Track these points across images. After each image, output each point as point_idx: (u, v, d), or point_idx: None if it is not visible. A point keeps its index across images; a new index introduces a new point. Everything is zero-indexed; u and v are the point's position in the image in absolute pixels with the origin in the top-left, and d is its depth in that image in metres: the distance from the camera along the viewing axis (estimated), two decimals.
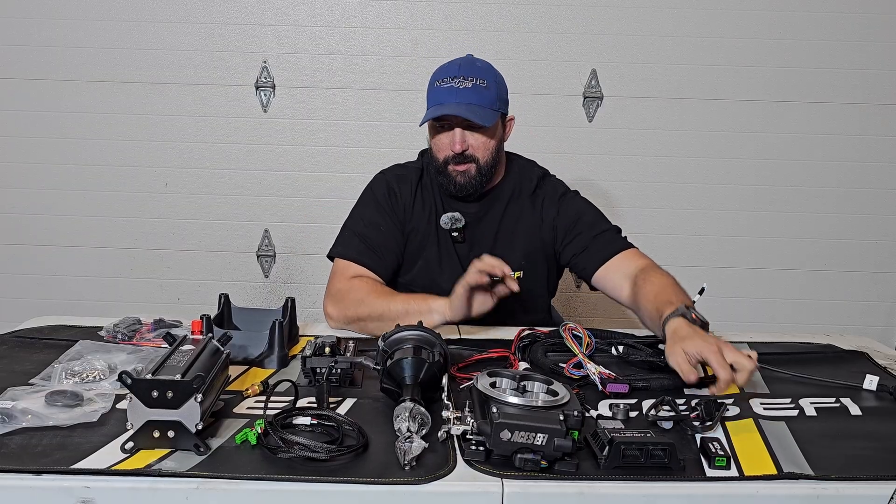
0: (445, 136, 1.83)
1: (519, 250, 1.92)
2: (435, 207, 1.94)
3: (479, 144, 1.82)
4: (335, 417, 1.24)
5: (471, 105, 1.78)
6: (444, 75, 1.83)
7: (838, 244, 3.18)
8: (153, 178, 3.09)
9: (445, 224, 1.90)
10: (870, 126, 3.09)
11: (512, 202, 1.94)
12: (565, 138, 3.07)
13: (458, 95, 1.79)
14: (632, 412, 1.33)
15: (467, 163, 1.83)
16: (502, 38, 2.98)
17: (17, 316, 1.87)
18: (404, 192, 1.94)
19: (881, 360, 1.68)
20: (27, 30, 2.98)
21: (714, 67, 3.05)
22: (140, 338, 1.63)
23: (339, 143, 3.08)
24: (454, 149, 1.81)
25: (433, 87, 1.85)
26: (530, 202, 1.95)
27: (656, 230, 3.14)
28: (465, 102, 1.78)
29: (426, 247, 1.93)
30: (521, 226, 1.94)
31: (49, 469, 1.09)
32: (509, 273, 1.62)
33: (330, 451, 1.13)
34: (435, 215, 1.93)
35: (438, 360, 1.34)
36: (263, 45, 3.02)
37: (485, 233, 1.93)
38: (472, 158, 1.83)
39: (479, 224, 1.93)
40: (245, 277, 3.17)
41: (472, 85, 1.80)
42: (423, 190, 1.95)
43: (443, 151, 1.84)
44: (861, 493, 1.14)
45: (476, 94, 1.79)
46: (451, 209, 1.91)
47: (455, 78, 1.80)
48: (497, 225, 1.93)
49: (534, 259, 1.93)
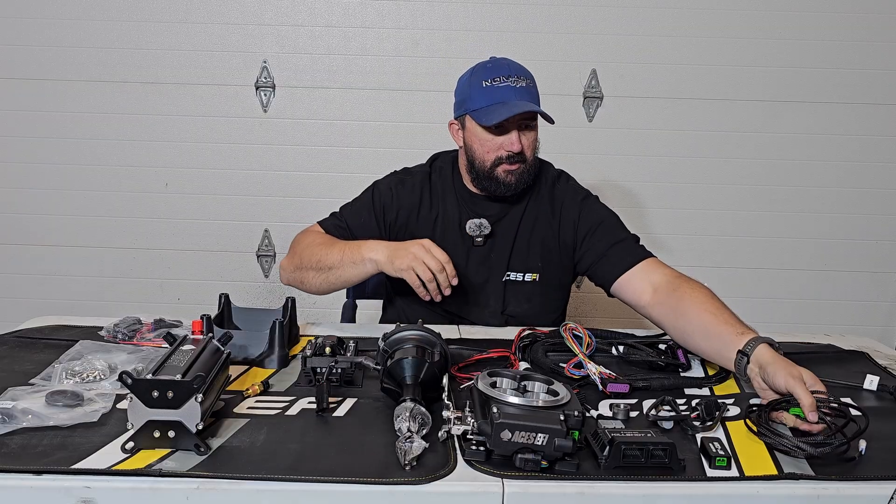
0: (503, 136, 1.79)
1: (536, 252, 1.90)
2: (446, 210, 1.91)
3: (528, 143, 1.82)
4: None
5: (537, 104, 1.80)
6: (496, 74, 1.80)
7: (838, 244, 3.18)
8: (153, 178, 3.09)
9: (472, 231, 1.87)
10: (870, 126, 3.09)
11: (531, 201, 1.92)
12: (565, 138, 3.05)
13: (520, 94, 1.78)
14: (632, 412, 1.33)
15: (519, 162, 1.81)
16: (502, 38, 2.98)
17: (17, 316, 1.87)
18: (403, 196, 1.91)
19: (881, 360, 1.68)
20: (27, 30, 2.98)
21: (714, 67, 3.05)
22: (140, 338, 1.63)
23: (339, 143, 3.08)
24: (513, 149, 1.78)
25: (483, 87, 1.79)
26: (548, 203, 1.93)
27: (657, 230, 3.14)
28: (529, 100, 1.78)
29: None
30: (538, 226, 1.91)
31: (49, 469, 1.09)
32: (451, 275, 1.66)
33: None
34: (443, 218, 1.90)
35: (439, 359, 1.34)
36: (263, 45, 3.02)
37: (504, 234, 1.90)
38: (523, 157, 1.81)
39: (499, 224, 1.90)
40: (245, 277, 3.17)
41: (526, 84, 1.80)
42: (431, 193, 1.92)
43: (494, 152, 1.80)
44: (861, 493, 1.14)
45: (530, 94, 1.80)
46: (471, 211, 1.89)
47: (510, 77, 1.79)
48: (517, 226, 1.91)
49: (549, 260, 1.91)
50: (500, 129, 1.79)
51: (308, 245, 1.82)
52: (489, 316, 1.89)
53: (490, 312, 1.90)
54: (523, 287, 1.90)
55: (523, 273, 1.90)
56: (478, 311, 1.90)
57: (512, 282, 1.90)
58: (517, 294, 1.90)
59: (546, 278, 1.91)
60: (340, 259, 1.73)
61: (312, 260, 1.78)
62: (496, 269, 1.90)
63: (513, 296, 1.90)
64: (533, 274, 1.90)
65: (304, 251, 1.82)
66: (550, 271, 1.91)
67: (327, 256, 1.75)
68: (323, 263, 1.76)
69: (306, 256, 1.80)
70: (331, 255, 1.75)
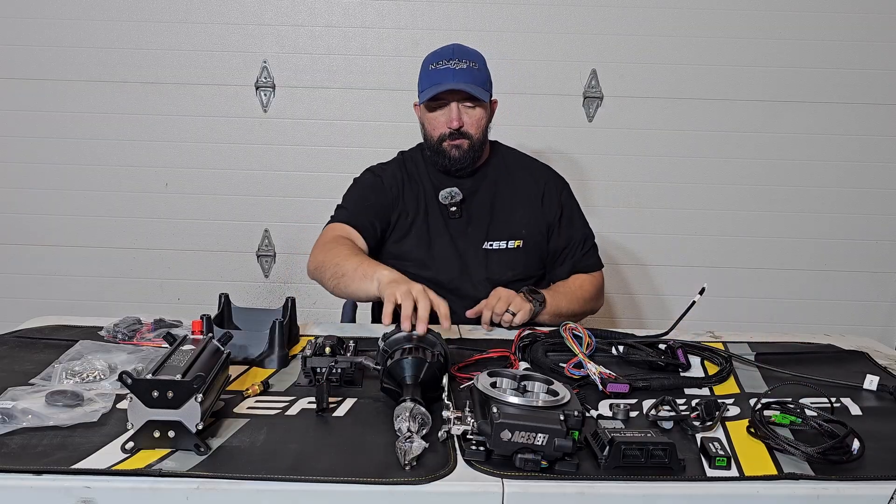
0: (442, 113, 1.95)
1: (519, 221, 2.03)
2: (424, 188, 2.04)
3: (472, 121, 1.95)
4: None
5: (469, 83, 1.91)
6: (439, 58, 1.96)
7: (838, 244, 3.18)
8: (153, 178, 3.09)
9: (445, 199, 2.01)
10: (870, 126, 3.09)
11: (501, 178, 2.07)
12: (565, 138, 3.07)
13: (456, 76, 1.92)
14: (632, 412, 1.33)
15: (462, 138, 1.95)
16: (502, 38, 2.98)
17: (17, 316, 1.87)
18: (388, 178, 2.05)
19: (881, 360, 1.68)
20: (27, 30, 2.98)
21: (714, 67, 3.05)
22: (140, 338, 1.63)
23: (339, 143, 3.08)
24: (451, 125, 1.93)
25: (428, 70, 1.96)
26: (532, 177, 2.09)
27: (656, 230, 3.14)
28: (463, 81, 1.91)
29: (416, 223, 2.02)
30: (520, 196, 2.05)
31: (49, 469, 1.09)
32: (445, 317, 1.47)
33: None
34: (424, 195, 2.03)
35: (438, 359, 1.34)
36: (263, 45, 3.02)
37: (480, 207, 2.04)
38: (466, 135, 1.95)
39: (473, 199, 2.03)
40: (245, 277, 3.17)
41: (467, 66, 1.94)
42: (408, 175, 2.06)
43: (438, 129, 1.97)
44: (861, 493, 1.14)
45: (471, 75, 1.93)
46: (443, 186, 2.02)
47: (451, 60, 1.94)
48: (491, 199, 2.05)
49: (532, 229, 2.05)
50: (441, 107, 1.95)
51: (329, 249, 1.87)
52: (476, 284, 1.98)
53: (475, 281, 1.99)
54: (506, 254, 2.02)
55: (506, 241, 2.02)
56: (464, 280, 2.00)
57: (494, 251, 2.02)
58: (500, 262, 2.02)
59: (529, 245, 2.04)
60: (355, 269, 1.73)
61: (332, 262, 1.81)
62: (474, 239, 2.02)
63: (496, 264, 2.01)
64: (516, 241, 2.03)
65: (328, 252, 1.86)
66: (533, 239, 2.05)
67: (345, 263, 1.78)
68: (339, 269, 1.78)
69: (329, 258, 1.83)
70: (348, 263, 1.77)
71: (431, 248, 2.01)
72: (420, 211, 2.03)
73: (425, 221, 2.02)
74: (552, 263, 2.09)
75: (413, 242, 2.02)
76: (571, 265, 2.07)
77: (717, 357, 1.60)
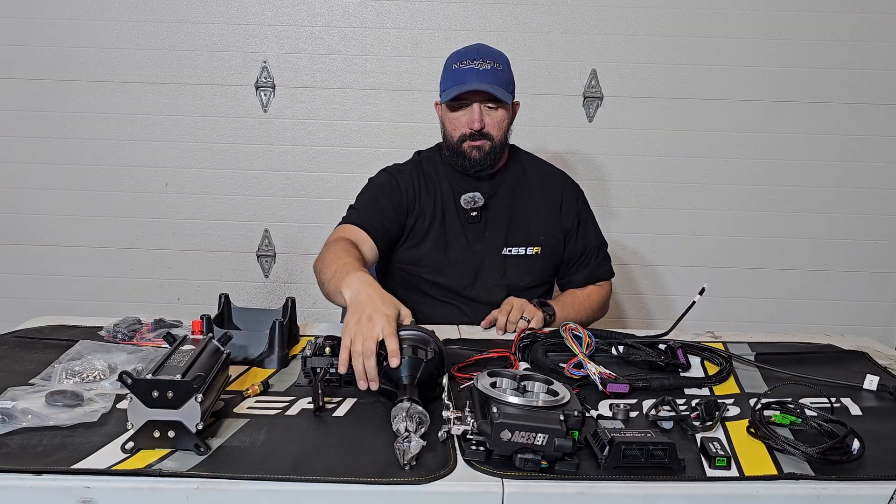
0: (464, 113, 1.92)
1: (538, 227, 2.02)
2: (441, 190, 2.01)
3: (494, 123, 1.92)
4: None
5: (492, 84, 1.89)
6: (464, 58, 1.93)
7: (838, 244, 3.18)
8: (153, 178, 3.09)
9: (467, 203, 1.98)
10: (870, 126, 3.08)
11: (519, 183, 2.04)
12: (565, 138, 3.07)
13: (479, 76, 1.89)
14: (632, 412, 1.33)
15: (483, 139, 1.92)
16: (502, 38, 2.95)
17: (17, 316, 1.87)
18: (405, 181, 2.01)
19: (881, 360, 1.68)
20: (27, 30, 2.98)
21: (714, 67, 3.04)
22: (140, 338, 1.63)
23: (339, 143, 3.08)
24: (473, 126, 1.90)
25: (451, 70, 1.94)
26: (549, 183, 2.07)
27: (656, 230, 3.14)
28: (486, 82, 1.88)
29: (434, 227, 1.99)
30: (538, 203, 2.03)
31: (49, 469, 1.09)
32: (393, 354, 1.34)
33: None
34: (441, 197, 2.00)
35: (434, 358, 1.34)
36: (263, 45, 3.02)
37: (498, 211, 2.02)
38: (488, 136, 1.93)
39: (490, 203, 2.01)
40: (245, 277, 3.17)
41: (491, 67, 1.91)
42: (425, 178, 2.03)
43: (459, 129, 1.94)
44: (861, 493, 1.14)
45: (494, 76, 1.90)
46: (462, 189, 1.99)
47: (475, 60, 1.91)
48: (510, 203, 2.02)
49: (551, 235, 2.04)
50: (463, 107, 1.92)
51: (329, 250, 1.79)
52: (491, 288, 1.97)
53: (490, 286, 1.98)
54: (525, 260, 2.01)
55: (525, 247, 2.00)
56: (479, 285, 1.98)
57: (513, 256, 2.00)
58: (518, 268, 2.00)
59: (546, 252, 2.02)
60: (330, 279, 1.65)
61: (322, 266, 1.75)
62: (492, 244, 1.99)
63: (514, 269, 2.00)
64: (535, 248, 2.01)
65: (324, 255, 1.79)
66: (550, 246, 2.03)
67: (329, 266, 1.68)
68: (324, 275, 1.70)
69: (323, 261, 1.75)
70: (330, 269, 1.67)
71: (447, 253, 1.99)
72: (437, 215, 2.00)
73: (442, 225, 1.99)
74: (566, 271, 2.08)
75: (429, 247, 1.99)
76: (588, 273, 2.08)
77: (717, 357, 1.60)
